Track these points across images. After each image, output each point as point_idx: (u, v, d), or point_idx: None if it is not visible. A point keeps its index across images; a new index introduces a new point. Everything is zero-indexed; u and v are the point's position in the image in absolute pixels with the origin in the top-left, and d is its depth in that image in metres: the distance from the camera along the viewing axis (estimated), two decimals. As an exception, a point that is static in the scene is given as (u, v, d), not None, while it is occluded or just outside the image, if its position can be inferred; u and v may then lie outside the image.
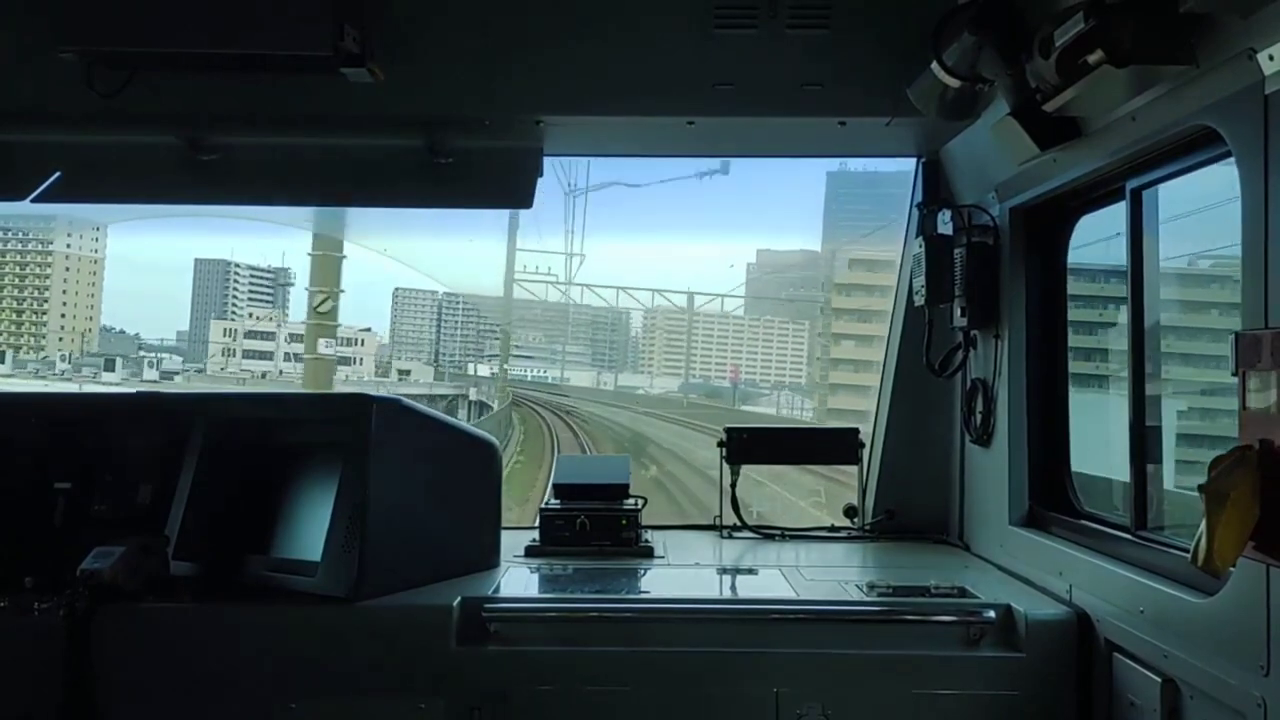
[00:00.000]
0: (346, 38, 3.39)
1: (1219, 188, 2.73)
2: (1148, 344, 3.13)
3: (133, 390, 3.79)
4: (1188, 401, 5.97)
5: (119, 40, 3.39)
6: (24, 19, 3.60)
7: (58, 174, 3.99)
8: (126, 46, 3.41)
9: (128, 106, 3.60)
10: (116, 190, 4.34)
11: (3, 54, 3.65)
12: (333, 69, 3.49)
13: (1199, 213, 3.41)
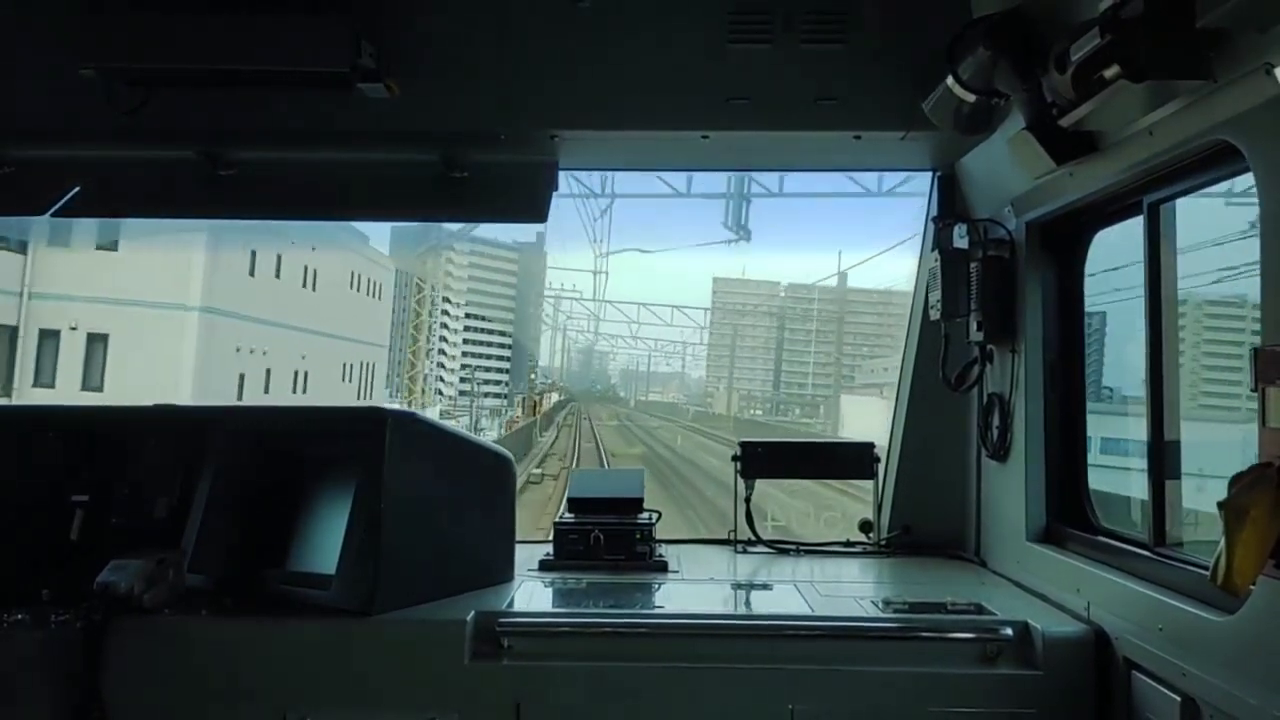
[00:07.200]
0: (363, 54, 3.44)
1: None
2: (1165, 359, 3.11)
3: (149, 404, 3.81)
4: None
5: (139, 58, 3.44)
6: (45, 38, 3.65)
7: (76, 188, 4.03)
8: (146, 64, 3.46)
9: (147, 122, 3.64)
10: (134, 205, 4.39)
11: (24, 72, 3.70)
12: (350, 85, 3.53)
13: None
